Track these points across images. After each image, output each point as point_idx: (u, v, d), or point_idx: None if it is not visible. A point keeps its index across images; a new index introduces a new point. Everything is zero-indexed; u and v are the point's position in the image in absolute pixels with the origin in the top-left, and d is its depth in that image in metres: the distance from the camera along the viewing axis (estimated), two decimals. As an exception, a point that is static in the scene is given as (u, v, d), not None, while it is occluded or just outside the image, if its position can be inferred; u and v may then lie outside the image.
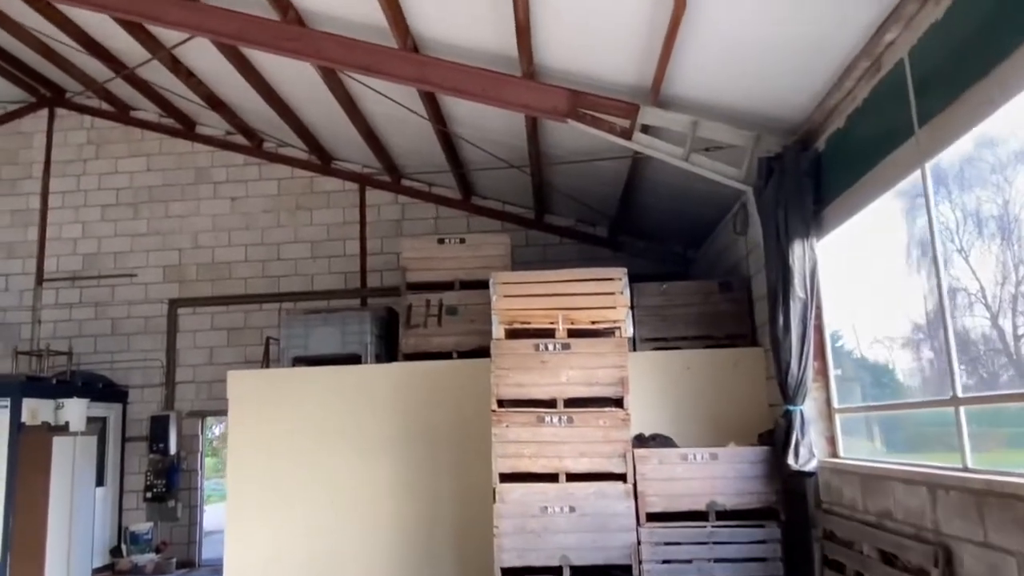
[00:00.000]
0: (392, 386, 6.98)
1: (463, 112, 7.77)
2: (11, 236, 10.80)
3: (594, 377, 5.75)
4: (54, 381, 8.93)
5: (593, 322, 5.86)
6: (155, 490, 9.65)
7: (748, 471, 5.64)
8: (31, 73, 10.38)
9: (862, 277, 5.49)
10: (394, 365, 7.16)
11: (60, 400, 8.64)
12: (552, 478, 5.69)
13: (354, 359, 7.24)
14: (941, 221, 4.16)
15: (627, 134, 6.04)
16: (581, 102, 6.11)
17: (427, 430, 6.87)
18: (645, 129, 6.08)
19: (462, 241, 7.39)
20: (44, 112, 11.12)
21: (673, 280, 7.46)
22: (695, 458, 5.69)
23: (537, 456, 5.69)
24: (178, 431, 9.95)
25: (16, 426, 8.06)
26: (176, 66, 8.55)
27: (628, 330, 5.85)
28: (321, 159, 10.59)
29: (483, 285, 7.18)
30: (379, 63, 6.29)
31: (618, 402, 5.75)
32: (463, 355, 7.12)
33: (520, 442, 5.71)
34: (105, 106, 10.98)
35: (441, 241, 7.43)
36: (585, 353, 5.79)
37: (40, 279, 10.64)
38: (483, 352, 7.01)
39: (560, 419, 5.70)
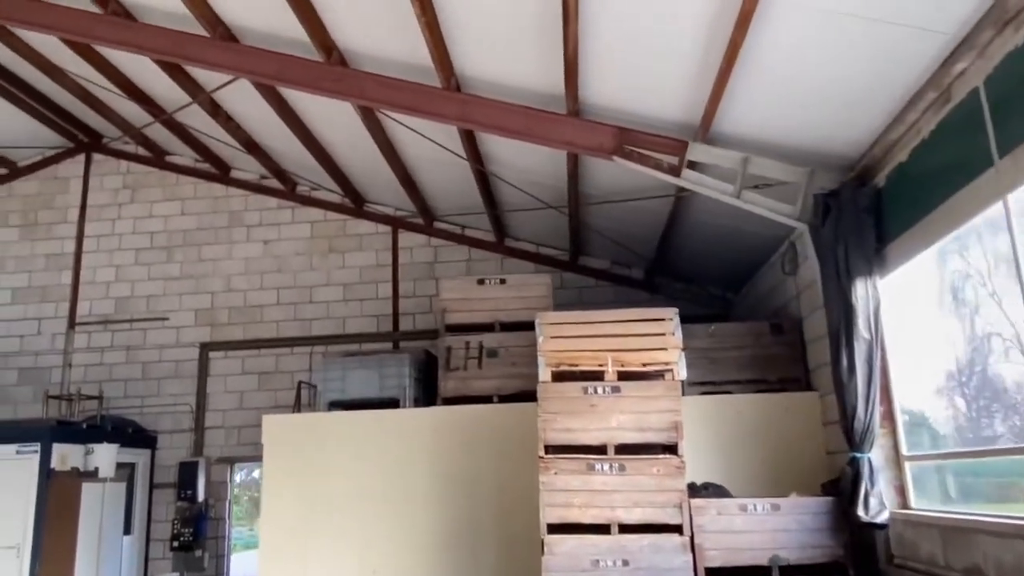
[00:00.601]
0: (432, 431, 6.76)
1: (501, 152, 7.70)
2: (45, 280, 10.82)
3: (646, 422, 5.50)
4: (84, 426, 8.80)
5: (644, 364, 5.64)
6: (182, 539, 9.40)
7: (812, 523, 5.32)
8: (70, 119, 10.53)
9: (920, 319, 5.29)
10: (433, 409, 6.94)
11: (90, 445, 8.50)
12: (603, 529, 5.40)
13: (392, 403, 7.04)
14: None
15: (675, 171, 5.90)
16: (628, 139, 6.00)
17: (468, 477, 6.61)
18: (692, 166, 5.95)
19: (502, 282, 7.23)
20: (81, 157, 11.25)
21: (712, 322, 7.23)
22: (755, 509, 5.38)
23: (587, 506, 5.41)
24: (207, 478, 9.74)
25: (45, 472, 7.91)
26: (216, 110, 8.59)
27: (681, 372, 5.61)
28: (354, 202, 10.57)
29: (524, 327, 7.03)
30: (422, 103, 6.25)
31: (671, 448, 5.48)
32: (504, 399, 6.90)
33: (569, 491, 5.44)
34: (141, 151, 11.09)
35: (481, 282, 7.28)
36: (636, 396, 5.55)
37: (72, 323, 10.62)
38: (525, 396, 6.82)
39: (611, 466, 5.43)
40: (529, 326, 6.91)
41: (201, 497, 9.56)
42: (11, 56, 8.57)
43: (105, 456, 8.49)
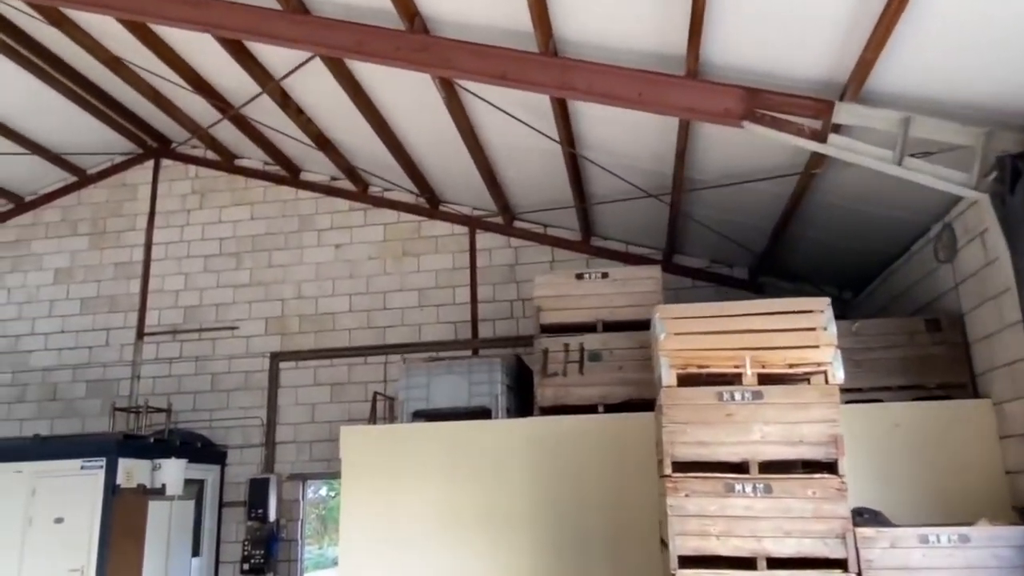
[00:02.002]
0: (528, 444, 5.95)
1: (596, 133, 6.91)
2: (114, 289, 10.49)
3: (796, 434, 4.57)
4: (151, 440, 8.30)
5: (790, 365, 4.71)
6: (253, 561, 8.79)
7: (1014, 558, 4.29)
8: (139, 123, 10.21)
9: None
10: (530, 420, 6.14)
11: (157, 461, 7.98)
12: (748, 564, 4.48)
13: (482, 413, 6.26)
14: None
15: (819, 136, 4.98)
16: (759, 101, 5.11)
17: (572, 497, 5.78)
18: (838, 129, 5.03)
19: (604, 276, 6.40)
20: (150, 163, 10.94)
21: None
22: (939, 540, 4.38)
23: (727, 535, 4.50)
24: (278, 496, 9.14)
25: (111, 488, 7.40)
26: (286, 101, 8.07)
27: (837, 374, 4.67)
28: (429, 202, 9.92)
29: (630, 327, 6.20)
30: (516, 70, 5.50)
31: (829, 466, 4.54)
32: (611, 408, 6.05)
33: (704, 516, 4.55)
34: (210, 155, 10.71)
35: (580, 276, 6.46)
36: (782, 404, 4.63)
37: (141, 333, 10.23)
38: (634, 406, 5.97)
39: (755, 487, 4.52)
40: (636, 325, 6.12)
41: (272, 516, 8.96)
42: (76, 53, 8.22)
43: (173, 472, 7.96)
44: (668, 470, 4.65)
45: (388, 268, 10.00)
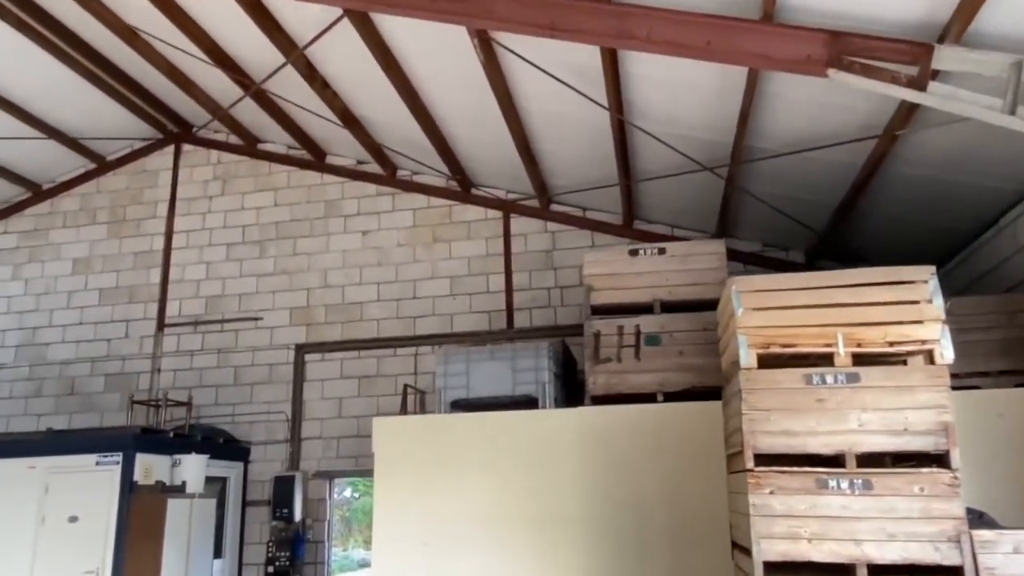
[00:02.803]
0: (580, 437, 5.39)
1: (649, 99, 6.33)
2: (133, 279, 10.08)
3: (900, 421, 3.96)
4: (171, 434, 7.84)
5: (890, 343, 4.11)
6: (278, 564, 8.30)
7: None
8: (159, 106, 9.79)
9: None
10: (581, 411, 5.57)
11: (177, 456, 7.52)
12: (845, 571, 3.88)
13: (529, 403, 5.70)
14: None
15: (917, 84, 4.37)
16: (845, 47, 4.51)
17: (629, 496, 5.21)
18: (936, 76, 4.43)
19: (661, 252, 5.83)
20: (170, 149, 10.52)
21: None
22: (1075, 546, 3.75)
23: (820, 538, 3.91)
24: (304, 495, 8.65)
25: (128, 485, 6.95)
26: (311, 73, 7.58)
27: (946, 353, 4.05)
28: (461, 185, 9.39)
29: (692, 307, 5.61)
30: (566, 19, 4.95)
31: (939, 459, 3.92)
32: (671, 397, 5.46)
33: (793, 516, 3.96)
34: (233, 139, 10.27)
35: (634, 253, 5.89)
36: (883, 387, 4.03)
37: (161, 324, 9.81)
38: (696, 394, 5.39)
39: (852, 483, 3.92)
40: (698, 305, 5.53)
41: (298, 516, 8.46)
42: (91, 27, 7.79)
43: (193, 468, 7.49)
44: (749, 463, 4.07)
45: (418, 255, 9.49)
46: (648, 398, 5.47)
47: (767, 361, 4.22)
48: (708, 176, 7.15)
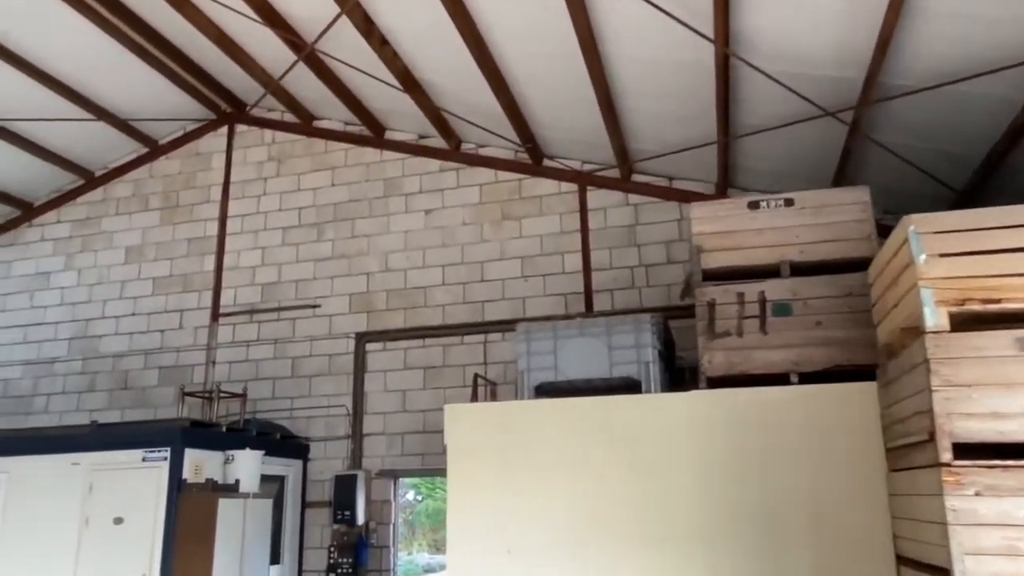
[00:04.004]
0: (693, 428, 4.46)
1: (762, 27, 5.36)
2: (187, 267, 9.55)
3: None
4: (223, 429, 7.20)
5: None
6: (340, 570, 7.59)
7: None
8: (211, 84, 9.25)
9: None
10: (695, 395, 4.64)
11: (230, 453, 6.86)
12: (1091, 599, 2.86)
13: (629, 387, 4.80)
14: None
15: None
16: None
17: (759, 502, 4.25)
18: None
19: (789, 203, 4.85)
20: (224, 131, 9.99)
21: None
22: None
23: (1053, 553, 2.89)
24: (367, 496, 7.91)
25: (176, 483, 6.30)
26: (368, 28, 6.85)
27: None
28: (532, 155, 8.54)
29: (830, 268, 4.63)
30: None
31: None
32: (807, 378, 4.48)
33: (1010, 526, 2.96)
34: (288, 117, 9.67)
35: (755, 206, 4.93)
36: None
37: (216, 314, 9.24)
38: (841, 374, 4.39)
39: (1096, 480, 2.89)
40: (838, 267, 4.54)
41: (361, 519, 7.73)
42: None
43: (248, 465, 6.83)
44: (945, 456, 3.08)
45: (485, 234, 8.68)
46: (779, 379, 4.50)
47: (963, 322, 3.22)
48: (823, 128, 6.15)
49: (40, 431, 7.81)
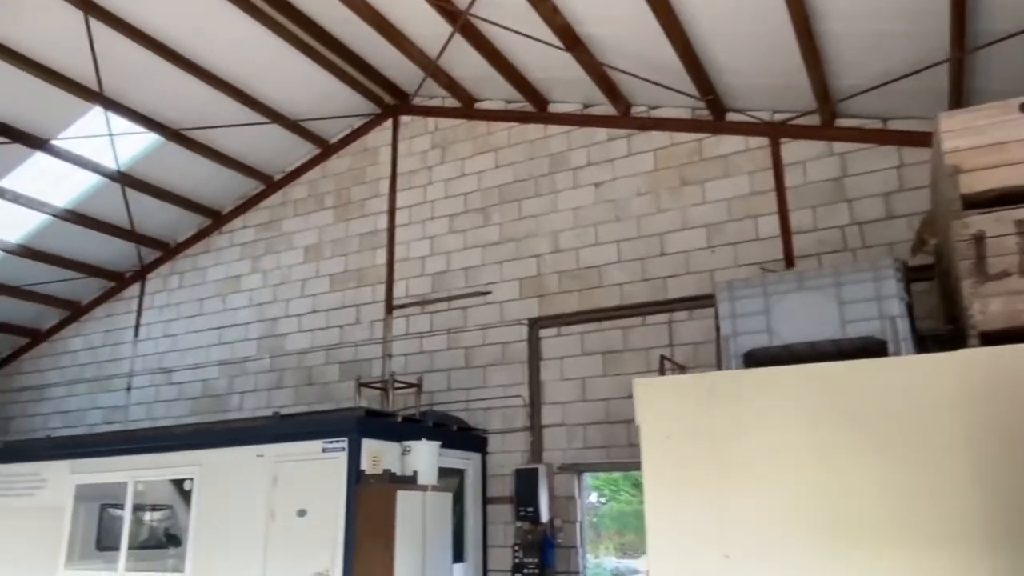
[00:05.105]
0: (969, 398, 3.43)
1: None
2: (360, 262, 9.54)
3: None
4: (399, 419, 6.92)
5: None
6: (526, 570, 7.07)
7: None
8: (374, 76, 9.17)
9: None
10: (967, 355, 3.56)
11: (406, 443, 6.55)
12: None
13: (867, 350, 3.81)
14: None
15: None
16: None
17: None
18: None
19: (1082, 98, 3.65)
20: (388, 124, 9.92)
21: None
22: None
23: None
24: (549, 491, 7.35)
25: (354, 473, 6.07)
26: (528, -19, 6.31)
27: None
28: (713, 110, 7.61)
29: None
30: None
31: None
32: None
33: None
34: (449, 102, 9.40)
35: (1031, 105, 3.76)
36: None
37: (390, 307, 9.12)
38: None
39: None
40: None
41: (545, 517, 7.17)
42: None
43: (425, 457, 6.49)
44: None
45: (663, 204, 7.85)
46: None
47: None
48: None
49: (227, 424, 8.00)
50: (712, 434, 3.93)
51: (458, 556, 7.14)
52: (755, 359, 4.11)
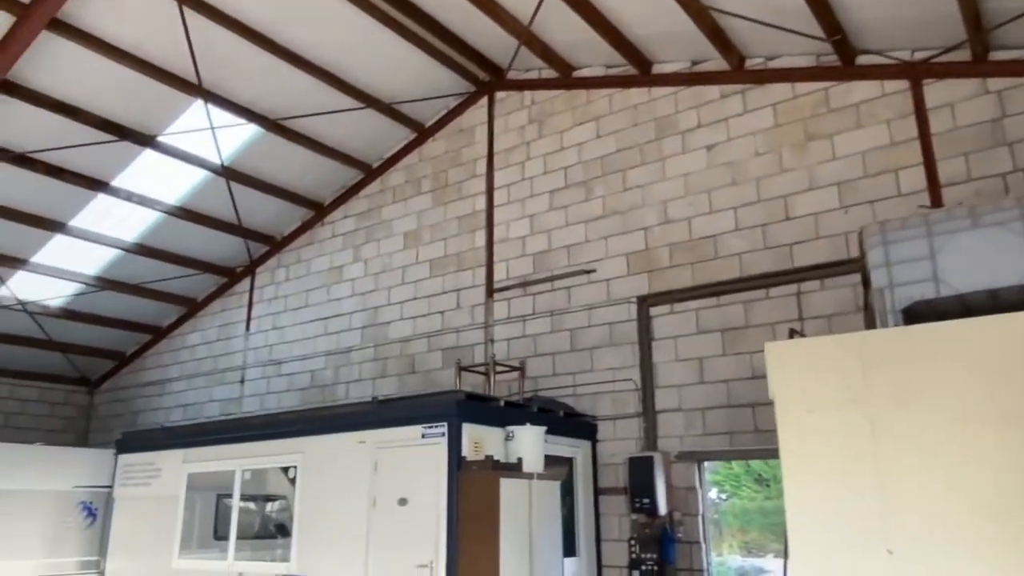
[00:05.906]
0: None
1: None
2: (459, 245, 9.23)
3: None
4: (501, 403, 6.52)
5: None
6: (644, 567, 6.51)
7: None
8: (467, 52, 8.82)
9: None
10: None
11: (510, 429, 6.13)
12: None
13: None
14: None
15: None
16: None
17: None
18: None
19: None
20: (484, 102, 9.56)
21: None
22: None
23: None
24: (666, 481, 6.74)
25: (455, 459, 5.71)
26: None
27: None
28: (840, 53, 6.78)
29: None
30: None
31: None
32: None
33: None
34: (546, 73, 8.93)
35: None
36: None
37: (490, 290, 8.75)
38: None
39: None
40: None
41: (663, 509, 6.58)
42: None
43: (530, 442, 6.05)
44: None
45: (786, 163, 7.07)
46: None
47: None
48: None
49: (328, 410, 7.85)
50: (867, 405, 3.26)
51: (569, 550, 6.66)
52: (917, 315, 3.39)
